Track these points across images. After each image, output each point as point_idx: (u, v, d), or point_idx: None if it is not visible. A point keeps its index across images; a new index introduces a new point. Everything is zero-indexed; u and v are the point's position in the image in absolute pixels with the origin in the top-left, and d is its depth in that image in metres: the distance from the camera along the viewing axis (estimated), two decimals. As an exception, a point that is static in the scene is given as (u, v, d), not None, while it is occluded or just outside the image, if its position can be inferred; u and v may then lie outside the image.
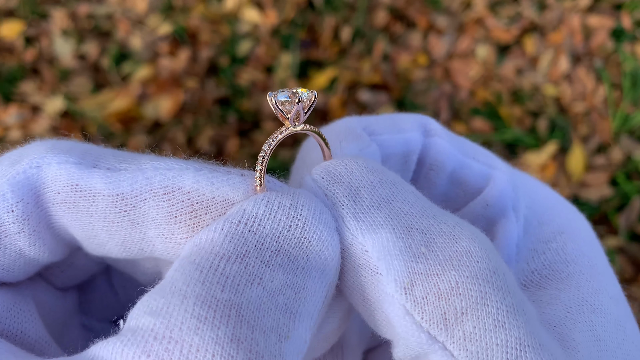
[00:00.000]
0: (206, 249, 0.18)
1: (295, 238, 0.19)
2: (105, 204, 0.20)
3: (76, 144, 0.22)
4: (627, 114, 1.28)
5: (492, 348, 0.17)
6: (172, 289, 0.17)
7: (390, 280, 0.18)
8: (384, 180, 0.21)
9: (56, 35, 1.36)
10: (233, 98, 1.30)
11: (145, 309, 0.17)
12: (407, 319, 0.18)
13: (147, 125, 1.25)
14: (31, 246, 0.21)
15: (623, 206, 1.16)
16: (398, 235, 0.19)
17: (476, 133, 1.27)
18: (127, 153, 0.22)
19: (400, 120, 0.26)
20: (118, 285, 0.29)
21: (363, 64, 1.36)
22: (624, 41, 1.40)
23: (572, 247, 0.24)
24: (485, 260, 0.18)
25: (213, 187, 0.20)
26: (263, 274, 0.18)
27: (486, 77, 1.36)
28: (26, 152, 0.21)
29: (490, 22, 1.44)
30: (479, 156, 0.26)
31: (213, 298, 0.16)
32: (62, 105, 1.24)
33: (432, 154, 0.26)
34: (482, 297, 0.18)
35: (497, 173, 0.25)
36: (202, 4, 1.43)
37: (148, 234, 0.21)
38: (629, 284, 1.07)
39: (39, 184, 0.21)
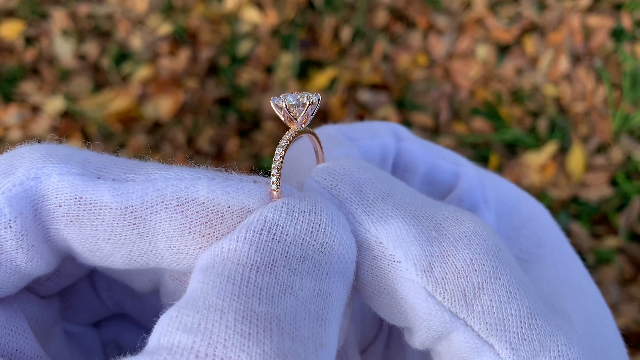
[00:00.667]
0: (232, 259, 0.17)
1: (318, 243, 0.19)
2: (113, 217, 0.19)
3: (72, 151, 0.20)
4: (627, 114, 1.28)
5: (508, 318, 0.18)
6: (206, 303, 0.16)
7: (410, 266, 0.19)
8: (380, 176, 0.22)
9: (56, 35, 1.36)
10: (233, 98, 1.30)
11: (177, 326, 0.16)
12: (429, 301, 0.19)
13: (147, 125, 1.25)
14: (29, 262, 0.20)
15: (623, 206, 1.16)
16: (409, 223, 0.20)
17: (476, 133, 1.27)
18: (128, 161, 0.21)
19: (374, 128, 0.27)
20: (102, 289, 0.28)
21: (363, 64, 1.36)
22: (624, 41, 1.40)
23: (541, 232, 0.26)
24: (490, 237, 0.20)
25: (228, 196, 0.19)
26: (293, 282, 0.17)
27: (486, 77, 1.36)
28: (19, 162, 0.20)
29: (490, 22, 1.44)
30: (446, 156, 0.27)
31: (252, 312, 0.16)
32: (62, 105, 1.24)
33: (405, 157, 0.27)
34: (495, 272, 0.19)
35: (464, 170, 0.27)
36: (202, 4, 1.43)
37: (158, 246, 0.20)
38: (629, 284, 1.07)
39: (38, 197, 0.19)
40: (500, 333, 0.18)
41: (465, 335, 0.19)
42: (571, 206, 1.17)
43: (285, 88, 1.30)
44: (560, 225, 0.98)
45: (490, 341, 0.19)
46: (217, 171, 0.20)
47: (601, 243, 1.11)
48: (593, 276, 0.26)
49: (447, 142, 1.25)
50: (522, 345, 0.18)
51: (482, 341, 0.19)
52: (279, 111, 0.21)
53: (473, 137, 1.26)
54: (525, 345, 0.18)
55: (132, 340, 0.30)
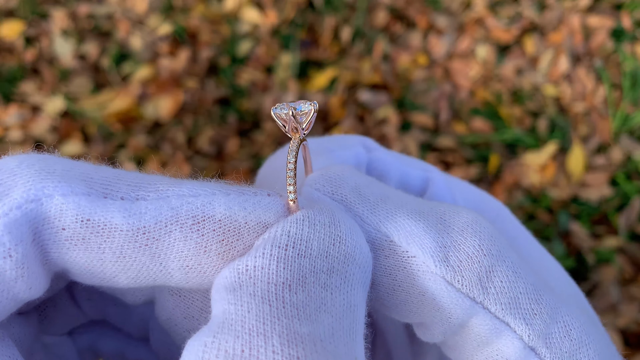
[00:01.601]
0: (261, 278, 0.17)
1: (342, 255, 0.18)
2: (123, 239, 0.18)
3: (68, 164, 0.19)
4: (627, 114, 1.28)
5: (518, 297, 0.20)
6: (246, 327, 0.15)
7: (427, 258, 0.20)
8: (370, 180, 0.22)
9: (56, 35, 1.36)
10: (233, 98, 1.30)
11: (217, 353, 0.15)
12: (449, 289, 0.19)
13: (147, 125, 1.25)
14: (28, 289, 0.18)
15: (623, 206, 1.16)
16: (415, 218, 0.20)
17: (476, 133, 1.27)
18: (131, 174, 0.19)
19: (344, 140, 0.27)
20: (81, 299, 0.26)
21: (363, 64, 1.36)
22: (624, 41, 1.40)
23: (509, 225, 0.27)
24: (488, 225, 0.21)
25: (246, 211, 0.19)
26: (325, 298, 0.17)
27: (486, 77, 1.36)
28: (12, 180, 0.18)
29: (490, 22, 1.44)
30: (413, 163, 0.28)
31: (296, 334, 0.15)
32: (62, 105, 1.24)
33: (378, 166, 0.27)
34: (500, 254, 0.20)
35: (432, 175, 0.27)
36: (202, 4, 1.43)
37: (169, 265, 0.19)
38: (629, 284, 1.07)
39: (39, 221, 0.17)
40: (514, 311, 0.20)
41: (485, 318, 0.20)
42: (571, 206, 1.17)
43: (285, 88, 1.30)
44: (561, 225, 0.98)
45: (506, 320, 0.19)
46: (229, 185, 0.19)
47: (601, 243, 1.11)
48: (593, 276, 0.26)
49: (447, 142, 1.25)
50: (534, 319, 0.20)
51: (499, 321, 0.20)
52: (281, 120, 0.21)
53: (473, 137, 1.26)
54: (537, 319, 0.20)
55: (110, 345, 0.29)
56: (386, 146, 1.24)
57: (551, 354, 0.20)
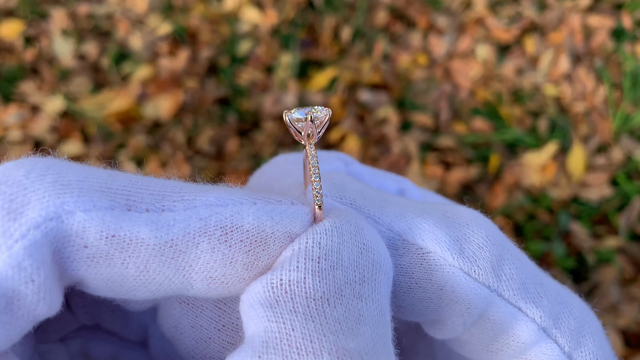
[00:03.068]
0: (297, 292, 0.16)
1: (369, 263, 0.18)
2: (149, 253, 0.17)
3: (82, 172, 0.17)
4: (628, 114, 1.28)
5: (526, 282, 0.20)
6: (293, 346, 0.15)
7: (445, 252, 0.20)
8: (366, 185, 0.22)
9: (56, 35, 1.36)
10: (233, 98, 1.30)
11: None
12: (468, 280, 0.20)
13: (147, 125, 1.25)
14: (48, 310, 0.17)
15: (623, 206, 1.16)
16: (422, 216, 0.21)
17: (476, 133, 1.27)
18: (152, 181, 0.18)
19: (323, 155, 0.27)
20: (76, 306, 0.25)
21: (363, 64, 1.36)
22: (625, 41, 1.39)
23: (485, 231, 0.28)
24: (486, 218, 0.22)
25: (273, 221, 0.18)
26: (362, 309, 0.17)
27: (486, 77, 1.36)
28: (24, 195, 0.16)
29: (491, 22, 1.43)
30: (387, 176, 0.28)
31: (345, 350, 0.15)
32: (62, 105, 1.24)
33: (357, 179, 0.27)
34: (504, 244, 0.21)
35: (406, 185, 0.28)
36: (202, 4, 1.43)
37: (192, 277, 0.18)
38: (629, 284, 1.07)
39: (59, 239, 0.16)
40: (524, 295, 0.20)
41: (500, 305, 0.20)
42: (571, 206, 1.17)
43: (285, 88, 1.30)
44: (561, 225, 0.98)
45: (519, 305, 0.20)
46: (252, 192, 0.19)
47: (601, 243, 1.11)
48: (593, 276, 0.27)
49: (447, 142, 1.25)
50: (542, 302, 0.20)
51: (513, 307, 0.20)
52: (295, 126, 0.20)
53: (473, 137, 1.26)
54: (545, 302, 0.20)
55: (103, 349, 0.28)
56: (386, 146, 1.24)
57: (561, 333, 0.21)
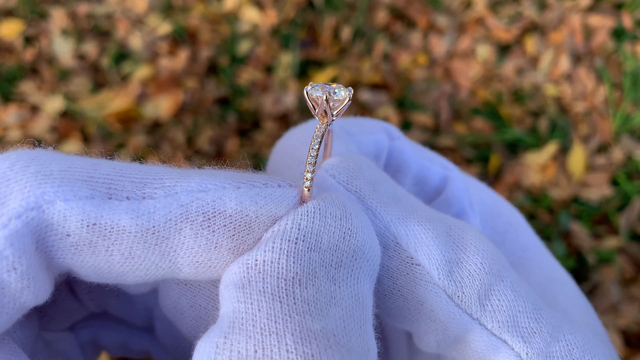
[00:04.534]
0: (270, 273, 0.16)
1: (351, 249, 0.18)
2: (132, 240, 0.17)
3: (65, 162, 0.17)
4: (628, 114, 1.28)
5: (517, 315, 0.19)
6: (257, 326, 0.15)
7: (432, 270, 0.19)
8: (384, 176, 0.22)
9: (55, 35, 1.36)
10: (233, 98, 1.30)
11: (229, 355, 0.15)
12: (449, 303, 0.19)
13: (147, 125, 1.25)
14: (35, 298, 0.17)
15: (624, 206, 1.16)
16: (425, 226, 0.20)
17: (476, 133, 1.27)
18: (134, 168, 0.18)
19: (368, 124, 0.26)
20: (82, 292, 0.25)
21: (363, 63, 1.36)
22: (625, 41, 1.39)
23: (522, 234, 0.27)
24: (489, 244, 0.21)
25: (257, 205, 0.18)
26: (334, 292, 0.17)
27: (486, 76, 1.36)
28: (6, 186, 0.16)
29: (491, 22, 1.43)
30: (434, 159, 0.27)
31: (309, 331, 0.15)
32: (62, 105, 1.23)
33: (397, 156, 0.26)
34: (499, 274, 0.20)
35: (452, 174, 0.27)
36: (202, 4, 1.43)
37: (178, 262, 0.18)
38: (629, 284, 1.07)
39: (41, 229, 0.16)
40: (512, 329, 0.19)
41: (481, 334, 0.20)
42: (572, 206, 1.17)
43: (285, 88, 1.30)
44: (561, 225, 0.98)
45: (503, 337, 0.19)
46: (239, 175, 0.19)
47: (602, 243, 1.11)
48: (593, 276, 0.27)
49: (447, 142, 1.25)
50: (533, 337, 0.19)
51: (497, 338, 0.20)
52: (312, 101, 0.20)
53: (473, 137, 1.26)
54: (537, 338, 0.19)
55: (112, 337, 0.29)
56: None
57: None
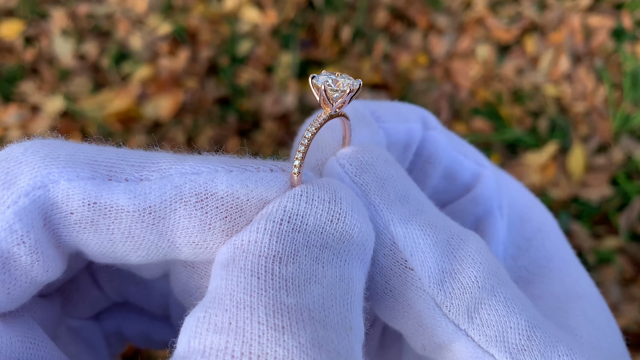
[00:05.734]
0: (253, 251, 0.17)
1: (338, 232, 0.18)
2: (130, 219, 0.18)
3: (72, 148, 0.19)
4: (628, 114, 1.28)
5: (507, 331, 0.19)
6: (234, 300, 0.16)
7: (424, 277, 0.19)
8: (400, 173, 0.21)
9: (56, 35, 1.36)
10: (233, 98, 1.30)
11: (207, 327, 0.15)
12: (436, 311, 0.19)
13: (147, 125, 1.25)
14: (45, 272, 0.19)
15: (623, 206, 1.16)
16: (425, 232, 0.20)
17: (476, 133, 1.27)
18: (135, 154, 0.19)
19: (403, 110, 0.26)
20: (103, 280, 0.27)
21: (363, 64, 1.36)
22: (625, 41, 1.39)
23: (549, 243, 0.26)
24: (490, 258, 0.20)
25: (247, 189, 0.19)
26: (316, 270, 0.17)
27: (486, 77, 1.36)
28: (18, 168, 0.18)
29: (491, 22, 1.43)
30: (469, 153, 0.27)
31: (282, 304, 0.16)
32: (62, 105, 1.23)
33: (429, 147, 0.26)
34: (493, 289, 0.20)
35: (485, 172, 0.27)
36: (202, 4, 1.43)
37: (176, 242, 0.19)
38: (629, 284, 1.07)
39: (47, 206, 0.18)
40: (499, 344, 0.19)
41: (467, 345, 0.20)
42: (572, 206, 1.17)
43: (285, 88, 1.30)
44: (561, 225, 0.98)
45: (490, 351, 0.19)
46: (233, 160, 0.20)
47: (602, 243, 1.11)
48: (593, 276, 0.26)
49: (447, 142, 1.25)
50: (522, 355, 0.19)
51: (483, 351, 0.20)
52: (316, 90, 0.20)
53: (473, 137, 1.26)
54: (525, 355, 0.19)
55: (135, 329, 0.30)
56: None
57: None
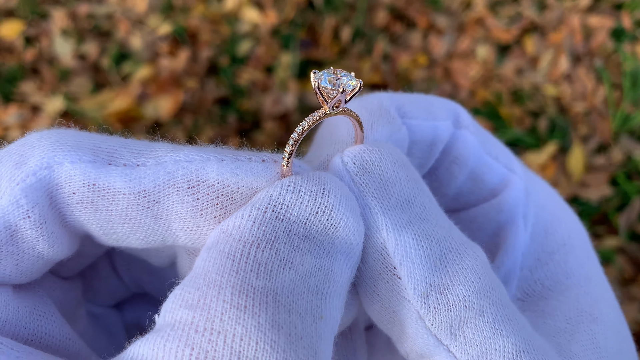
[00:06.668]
0: (234, 236, 0.18)
1: (322, 224, 0.19)
2: (127, 202, 0.20)
3: (81, 136, 0.20)
4: (627, 114, 1.28)
5: (491, 352, 0.19)
6: (207, 280, 0.17)
7: (409, 287, 0.19)
8: (410, 177, 0.21)
9: (56, 35, 1.36)
10: (233, 98, 1.30)
11: (180, 303, 0.17)
12: (418, 323, 0.19)
13: (147, 125, 1.25)
14: (50, 248, 0.20)
15: (623, 206, 1.16)
16: (419, 242, 0.20)
17: (476, 133, 1.27)
18: (138, 143, 0.21)
19: (435, 106, 0.25)
20: (121, 269, 0.28)
21: (363, 64, 1.36)
22: (624, 41, 1.39)
23: (572, 258, 0.25)
24: (485, 277, 0.20)
25: (237, 177, 0.19)
26: (293, 258, 0.18)
27: (486, 77, 1.36)
28: (31, 151, 0.20)
29: (491, 22, 1.43)
30: (500, 156, 0.26)
31: (249, 286, 0.16)
32: (62, 105, 1.24)
33: (458, 147, 0.25)
34: (481, 309, 0.19)
35: (515, 179, 0.26)
36: (202, 4, 1.43)
37: (172, 227, 0.20)
38: (629, 284, 1.07)
39: (52, 186, 0.19)
40: None
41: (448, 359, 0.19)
42: (571, 206, 1.17)
43: (285, 88, 1.30)
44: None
45: None
46: (228, 150, 0.20)
47: (601, 243, 1.11)
48: None
49: (447, 142, 1.25)
50: None
51: None
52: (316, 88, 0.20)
53: (473, 137, 1.26)
54: None
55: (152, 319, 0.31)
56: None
57: None
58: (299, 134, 0.20)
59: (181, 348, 0.15)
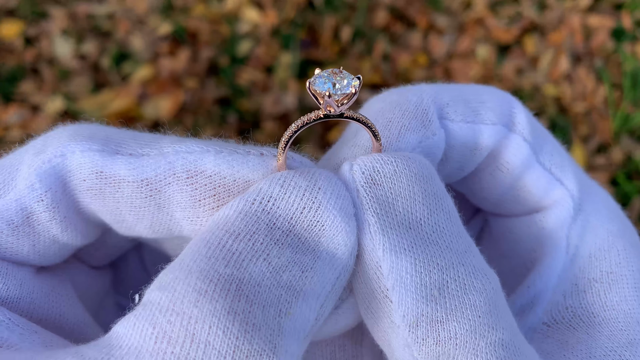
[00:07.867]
0: (219, 225, 0.18)
1: (308, 221, 0.19)
2: (131, 189, 0.21)
3: (98, 129, 0.22)
4: (628, 114, 1.28)
5: None
6: (181, 264, 0.18)
7: (399, 313, 0.18)
8: (428, 192, 0.19)
9: (56, 35, 1.36)
10: (233, 98, 1.30)
11: (157, 284, 0.17)
12: (405, 350, 0.19)
13: (147, 125, 1.25)
14: (63, 232, 0.22)
15: (623, 206, 1.16)
16: (417, 269, 0.18)
17: (476, 133, 1.27)
18: (148, 135, 0.22)
19: (485, 105, 0.23)
20: (149, 263, 0.30)
21: (363, 64, 1.36)
22: (625, 41, 1.39)
23: (617, 289, 0.23)
24: (487, 315, 0.18)
25: (233, 169, 0.20)
26: (270, 250, 0.18)
27: (486, 77, 1.36)
28: (50, 141, 0.21)
29: (491, 22, 1.43)
30: (554, 167, 0.24)
31: (215, 272, 0.17)
32: (62, 105, 1.24)
33: (507, 154, 0.24)
34: (474, 349, 0.18)
35: (565, 195, 0.24)
36: (202, 4, 1.43)
37: (175, 216, 0.21)
38: (630, 284, 1.07)
39: (65, 172, 0.21)
40: None
41: None
42: (571, 206, 1.17)
43: (285, 88, 1.30)
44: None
45: None
46: (229, 143, 0.21)
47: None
48: None
49: (447, 142, 1.25)
50: None
51: None
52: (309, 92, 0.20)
53: (473, 137, 1.26)
54: None
55: None
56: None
57: None
58: (291, 131, 0.20)
59: (145, 327, 0.16)
